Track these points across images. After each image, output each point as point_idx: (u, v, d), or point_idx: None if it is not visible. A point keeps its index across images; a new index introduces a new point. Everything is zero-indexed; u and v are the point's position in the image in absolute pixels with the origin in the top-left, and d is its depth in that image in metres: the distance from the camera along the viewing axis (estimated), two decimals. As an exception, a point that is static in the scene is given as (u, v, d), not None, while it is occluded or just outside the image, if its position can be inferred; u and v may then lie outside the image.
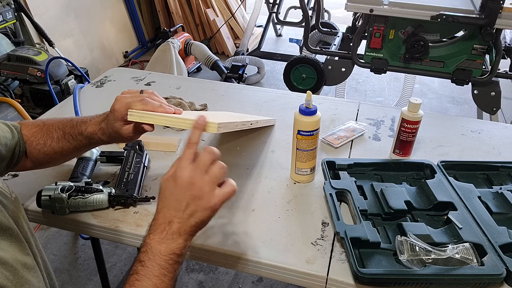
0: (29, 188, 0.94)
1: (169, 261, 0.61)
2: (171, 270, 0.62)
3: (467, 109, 3.08)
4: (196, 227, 0.63)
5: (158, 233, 0.62)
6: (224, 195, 0.64)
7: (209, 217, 0.64)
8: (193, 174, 0.62)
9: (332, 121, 1.24)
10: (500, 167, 1.01)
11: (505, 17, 1.90)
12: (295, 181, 0.99)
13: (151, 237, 0.62)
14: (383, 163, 1.02)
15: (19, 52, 2.44)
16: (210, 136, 1.16)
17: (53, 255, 1.86)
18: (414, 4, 2.02)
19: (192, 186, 0.62)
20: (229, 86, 1.49)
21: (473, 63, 2.12)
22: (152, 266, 0.60)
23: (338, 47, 2.69)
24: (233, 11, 3.90)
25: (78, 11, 3.19)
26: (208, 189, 0.62)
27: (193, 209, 0.62)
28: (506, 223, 0.84)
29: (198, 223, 0.63)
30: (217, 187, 0.64)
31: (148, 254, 0.61)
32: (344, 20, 3.97)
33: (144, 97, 0.77)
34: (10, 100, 2.13)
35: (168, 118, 0.75)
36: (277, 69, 3.63)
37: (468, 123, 1.25)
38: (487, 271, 0.73)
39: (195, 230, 0.64)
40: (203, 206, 0.62)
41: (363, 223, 0.82)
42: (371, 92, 3.34)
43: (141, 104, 0.75)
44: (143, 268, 0.60)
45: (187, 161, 0.63)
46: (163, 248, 0.61)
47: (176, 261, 0.62)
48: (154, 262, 0.60)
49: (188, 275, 1.77)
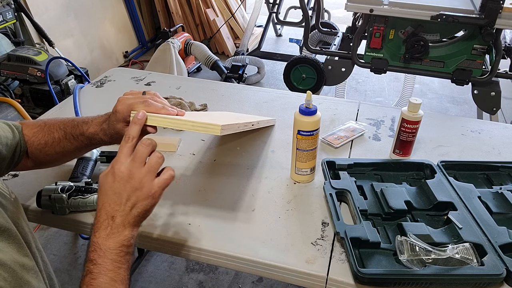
0: (29, 188, 0.94)
1: (120, 254, 0.63)
2: (123, 261, 0.63)
3: (467, 109, 3.08)
4: (139, 217, 0.66)
5: (103, 230, 0.63)
6: (163, 182, 0.66)
7: (151, 205, 0.66)
8: (131, 167, 0.64)
9: (332, 121, 1.24)
10: (500, 167, 1.01)
11: (505, 17, 1.89)
12: (295, 181, 0.99)
13: (97, 235, 0.63)
14: (383, 163, 1.02)
15: (19, 52, 2.44)
16: (210, 137, 1.16)
17: (53, 255, 1.86)
18: (414, 4, 2.01)
19: (131, 179, 0.64)
20: (229, 86, 1.49)
21: (473, 63, 2.12)
22: (105, 262, 0.61)
23: (338, 47, 2.69)
24: (233, 11, 3.90)
25: (78, 11, 3.18)
26: (147, 179, 0.65)
27: (134, 200, 0.64)
28: (506, 223, 0.84)
29: (141, 213, 0.65)
30: (156, 177, 0.66)
31: (97, 252, 0.62)
32: (344, 20, 3.97)
33: (146, 99, 0.77)
34: (10, 100, 2.13)
35: (172, 120, 0.75)
36: (277, 69, 3.63)
37: (468, 123, 1.25)
38: (487, 271, 0.73)
39: (139, 220, 0.66)
40: (144, 195, 0.64)
41: (363, 223, 0.82)
42: (371, 92, 3.34)
43: (144, 106, 0.75)
44: (96, 266, 0.61)
45: (124, 156, 0.66)
46: (111, 243, 0.62)
47: (126, 252, 0.64)
48: (105, 258, 0.61)
49: (188, 275, 1.77)
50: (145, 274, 1.77)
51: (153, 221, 0.87)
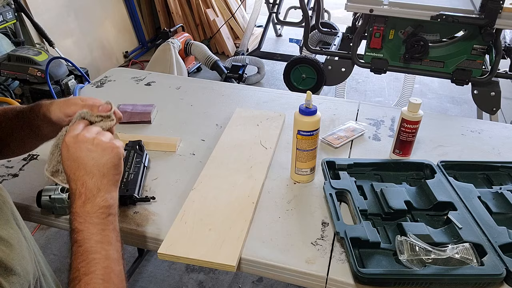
0: (29, 188, 0.94)
1: (101, 216, 0.63)
2: (107, 223, 0.63)
3: (467, 109, 3.08)
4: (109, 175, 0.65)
5: (77, 199, 0.63)
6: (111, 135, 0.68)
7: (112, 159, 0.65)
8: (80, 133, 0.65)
9: (332, 121, 1.24)
10: (500, 167, 1.01)
11: (505, 17, 1.90)
12: (295, 181, 0.99)
13: (73, 206, 0.63)
14: (383, 163, 1.02)
15: (19, 52, 2.44)
16: (210, 137, 1.16)
17: (53, 255, 1.86)
18: (414, 4, 2.02)
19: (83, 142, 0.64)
20: (229, 86, 1.49)
21: (473, 63, 2.12)
22: (87, 227, 0.61)
23: (338, 47, 2.69)
24: (233, 11, 3.90)
25: (78, 11, 3.18)
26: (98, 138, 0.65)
27: (94, 160, 0.64)
28: (506, 223, 0.84)
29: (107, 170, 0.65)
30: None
31: (77, 219, 0.62)
32: (344, 20, 3.97)
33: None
34: (10, 100, 2.13)
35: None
36: (277, 69, 3.63)
37: (468, 123, 1.25)
38: (487, 271, 0.73)
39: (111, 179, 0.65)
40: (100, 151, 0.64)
41: (363, 223, 0.82)
42: (371, 92, 3.34)
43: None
44: (79, 234, 0.61)
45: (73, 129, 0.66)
46: (88, 208, 0.62)
47: (108, 213, 0.64)
48: (86, 223, 0.61)
49: (188, 275, 1.77)
50: (145, 274, 1.77)
51: (153, 221, 0.87)
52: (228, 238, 0.80)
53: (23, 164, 1.03)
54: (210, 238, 0.80)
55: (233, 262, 0.76)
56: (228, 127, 1.16)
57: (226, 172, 0.99)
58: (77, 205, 0.63)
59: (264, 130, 1.15)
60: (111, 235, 0.63)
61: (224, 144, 1.09)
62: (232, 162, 1.02)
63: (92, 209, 0.62)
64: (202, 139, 1.15)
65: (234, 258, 0.76)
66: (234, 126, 1.17)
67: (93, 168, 0.64)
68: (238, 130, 1.15)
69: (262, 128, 1.16)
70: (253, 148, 1.08)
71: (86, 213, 0.62)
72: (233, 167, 1.01)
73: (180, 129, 1.19)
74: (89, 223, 0.62)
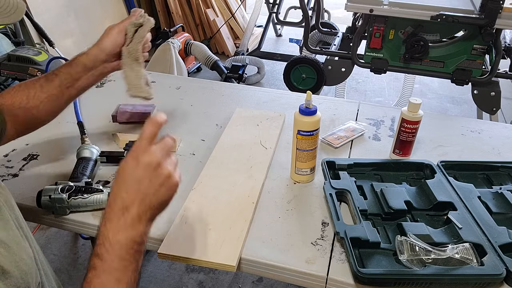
0: (29, 188, 0.94)
1: (129, 251, 0.56)
2: (132, 261, 0.57)
3: (467, 109, 3.08)
4: (157, 209, 0.60)
5: (115, 221, 0.56)
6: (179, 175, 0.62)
7: (170, 196, 0.61)
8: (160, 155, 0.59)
9: (332, 121, 1.24)
10: (500, 167, 1.01)
11: (505, 17, 1.90)
12: (295, 181, 0.99)
13: (107, 227, 0.56)
14: (383, 163, 1.02)
15: (19, 52, 2.43)
16: (210, 137, 1.16)
17: (53, 255, 1.86)
18: (414, 4, 2.02)
19: (159, 167, 0.59)
20: (229, 86, 1.49)
21: (473, 63, 2.12)
22: (111, 259, 0.55)
23: (338, 47, 2.69)
24: (233, 11, 3.90)
25: (78, 11, 3.18)
26: (173, 170, 0.60)
27: (156, 189, 0.58)
28: (506, 223, 0.84)
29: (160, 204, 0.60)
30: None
31: (105, 245, 0.55)
32: (344, 20, 3.97)
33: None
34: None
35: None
36: (277, 69, 3.63)
37: (468, 123, 1.25)
38: (487, 271, 0.73)
39: (156, 214, 0.60)
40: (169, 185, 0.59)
41: (363, 223, 0.82)
42: (371, 92, 3.34)
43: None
44: (101, 262, 0.55)
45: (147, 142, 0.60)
46: (121, 237, 0.56)
47: (137, 250, 0.57)
48: (113, 254, 0.55)
49: (188, 275, 1.77)
50: (145, 274, 1.77)
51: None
52: (228, 238, 0.80)
53: (23, 164, 1.03)
54: (210, 238, 0.80)
55: (233, 262, 0.76)
56: (228, 127, 1.16)
57: (226, 172, 0.99)
58: (111, 228, 0.56)
59: (264, 130, 1.15)
60: (132, 275, 0.57)
61: (224, 144, 1.09)
62: (232, 162, 1.02)
63: (125, 240, 0.56)
64: (202, 139, 1.15)
65: (234, 258, 0.76)
66: (234, 126, 1.17)
67: (149, 200, 0.58)
68: (238, 130, 1.15)
69: (262, 128, 1.16)
70: (253, 148, 1.08)
71: (116, 242, 0.56)
72: (233, 167, 1.01)
73: (180, 129, 1.19)
74: (115, 254, 0.55)
